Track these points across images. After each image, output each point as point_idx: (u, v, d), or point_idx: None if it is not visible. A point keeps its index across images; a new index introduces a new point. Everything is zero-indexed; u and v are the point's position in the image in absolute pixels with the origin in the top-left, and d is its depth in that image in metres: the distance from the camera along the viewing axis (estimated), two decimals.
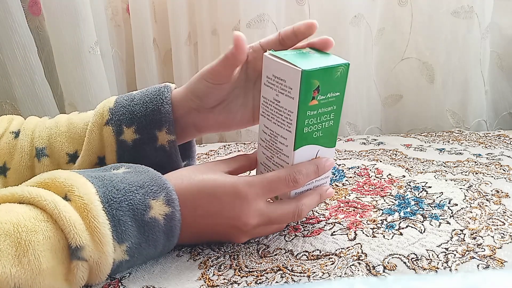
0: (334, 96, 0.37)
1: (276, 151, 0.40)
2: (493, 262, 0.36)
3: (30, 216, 0.31)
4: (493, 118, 0.95)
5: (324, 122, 0.38)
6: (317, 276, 0.35)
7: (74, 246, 0.31)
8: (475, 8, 0.82)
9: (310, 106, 0.36)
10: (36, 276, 0.29)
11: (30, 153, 0.44)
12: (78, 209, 0.32)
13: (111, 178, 0.35)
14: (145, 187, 0.35)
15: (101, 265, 0.32)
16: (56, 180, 0.33)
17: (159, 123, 0.42)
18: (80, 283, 0.32)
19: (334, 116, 0.39)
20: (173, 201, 0.35)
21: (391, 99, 0.92)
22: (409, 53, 0.88)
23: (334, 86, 0.37)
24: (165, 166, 0.42)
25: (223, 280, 0.35)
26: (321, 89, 0.36)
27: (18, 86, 0.71)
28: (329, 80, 0.36)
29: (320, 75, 0.35)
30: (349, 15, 0.81)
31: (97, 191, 0.33)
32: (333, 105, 0.38)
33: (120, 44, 0.87)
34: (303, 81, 0.35)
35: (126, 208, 0.33)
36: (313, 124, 0.38)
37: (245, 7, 0.77)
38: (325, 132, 0.39)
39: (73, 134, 0.45)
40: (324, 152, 0.40)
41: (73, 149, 0.44)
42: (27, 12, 0.73)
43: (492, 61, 0.91)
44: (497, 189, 0.50)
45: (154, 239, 0.35)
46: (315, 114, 0.37)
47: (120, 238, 0.33)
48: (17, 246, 0.29)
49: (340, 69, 0.36)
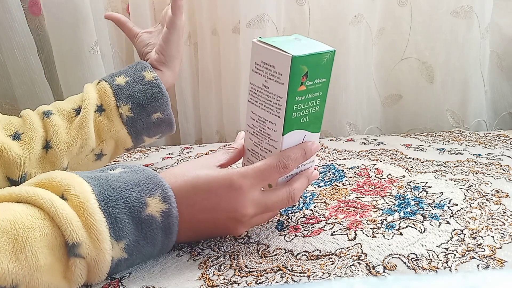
0: (320, 82, 0.38)
1: (265, 137, 0.40)
2: (493, 262, 0.36)
3: (27, 214, 0.31)
4: (493, 118, 0.95)
5: (311, 107, 0.39)
6: (317, 276, 0.35)
7: (71, 243, 0.31)
8: (474, 8, 0.82)
9: (298, 91, 0.37)
10: (33, 272, 0.29)
11: (39, 117, 0.51)
12: (75, 207, 0.32)
13: (107, 177, 0.35)
14: (141, 185, 0.35)
15: (99, 263, 0.32)
16: (52, 180, 0.34)
17: (144, 68, 0.57)
18: (79, 281, 0.32)
19: (320, 102, 0.40)
20: (169, 198, 0.36)
21: (390, 99, 0.92)
22: (409, 53, 0.88)
23: (321, 72, 0.38)
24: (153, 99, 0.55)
25: (223, 280, 0.35)
26: (309, 75, 0.37)
27: (18, 86, 0.71)
28: (317, 66, 0.37)
29: (309, 60, 0.36)
30: (349, 15, 0.81)
31: (93, 190, 0.33)
32: (319, 91, 0.39)
33: (120, 44, 0.87)
34: (293, 67, 0.35)
35: (122, 206, 0.34)
36: (301, 110, 0.38)
37: (245, 7, 0.77)
38: (312, 117, 0.40)
39: (73, 99, 0.54)
40: (310, 137, 0.41)
41: (76, 106, 0.53)
42: (27, 12, 0.73)
43: (492, 61, 0.91)
44: (497, 189, 0.50)
45: (152, 237, 0.35)
46: (303, 99, 0.38)
47: (118, 235, 0.33)
48: (14, 243, 0.29)
49: (327, 55, 0.37)
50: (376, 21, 0.85)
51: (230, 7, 0.79)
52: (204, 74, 0.86)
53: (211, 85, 0.87)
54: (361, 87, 0.87)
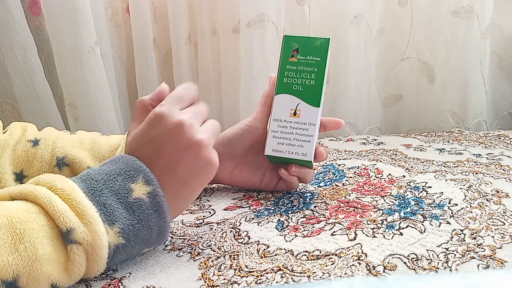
0: (314, 60, 0.48)
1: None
2: (493, 262, 0.36)
3: (22, 210, 0.31)
4: (493, 118, 0.95)
5: (304, 79, 0.48)
6: (317, 276, 0.35)
7: (65, 230, 0.31)
8: (475, 8, 0.82)
9: (289, 61, 0.48)
10: (32, 263, 0.30)
11: (50, 162, 0.48)
12: (64, 200, 0.32)
13: (88, 173, 0.36)
14: (123, 174, 0.36)
15: (96, 247, 0.32)
16: (39, 180, 0.34)
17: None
18: (79, 271, 0.32)
19: (315, 77, 0.48)
20: (152, 180, 0.36)
21: (391, 99, 0.92)
22: (409, 53, 0.88)
23: (314, 52, 0.48)
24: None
25: (223, 280, 0.35)
26: (300, 50, 0.48)
27: (18, 86, 0.71)
28: (308, 46, 0.48)
29: (299, 40, 0.48)
30: (349, 15, 0.81)
31: (78, 185, 0.34)
32: (313, 67, 0.48)
33: (120, 44, 0.87)
34: (285, 42, 0.49)
35: (108, 194, 0.34)
36: (292, 77, 0.48)
37: (245, 7, 0.77)
38: (306, 88, 0.48)
39: (97, 153, 0.49)
40: (305, 108, 0.48)
41: (94, 165, 0.48)
42: (27, 12, 0.73)
43: (492, 61, 0.91)
44: (497, 189, 0.50)
45: (146, 218, 0.35)
46: (294, 69, 0.48)
47: (110, 219, 0.33)
48: (13, 235, 0.30)
49: (319, 40, 0.48)
50: (376, 21, 0.85)
51: (230, 7, 0.79)
52: (204, 74, 0.86)
53: (211, 85, 0.87)
54: (361, 87, 0.87)
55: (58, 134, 0.50)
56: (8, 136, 0.48)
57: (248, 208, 0.49)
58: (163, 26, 0.88)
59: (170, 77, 0.90)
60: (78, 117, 0.75)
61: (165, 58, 0.92)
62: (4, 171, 0.46)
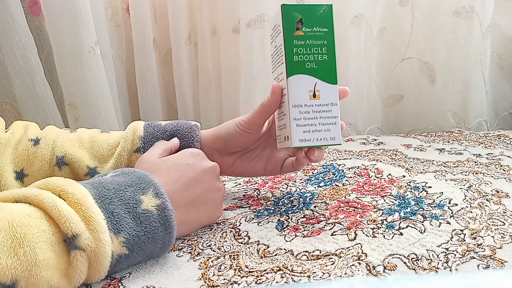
0: (322, 31, 0.42)
1: (282, 92, 0.44)
2: (493, 262, 0.35)
3: (24, 213, 0.31)
4: (493, 118, 0.94)
5: (316, 54, 0.42)
6: (317, 276, 0.35)
7: (71, 235, 0.31)
8: (475, 8, 0.82)
9: (296, 35, 0.41)
10: (32, 267, 0.29)
11: (50, 161, 0.48)
12: (72, 204, 0.32)
13: (100, 181, 0.36)
14: (134, 185, 0.36)
15: (99, 256, 0.32)
16: (48, 183, 0.34)
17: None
18: (80, 277, 0.32)
19: (327, 51, 0.42)
20: (162, 194, 0.37)
21: (391, 99, 0.92)
22: (410, 53, 0.88)
23: (319, 22, 0.42)
24: None
25: (223, 280, 0.35)
26: (305, 21, 0.41)
27: (18, 86, 0.71)
28: (312, 15, 0.42)
29: (300, 8, 0.41)
30: (349, 15, 0.81)
31: (89, 191, 0.34)
32: (323, 39, 0.42)
33: (120, 44, 0.87)
34: (284, 13, 0.41)
35: (118, 202, 0.35)
36: (303, 54, 0.42)
37: (245, 7, 0.77)
38: (320, 65, 0.42)
39: (96, 152, 0.49)
40: (323, 87, 0.42)
41: (93, 164, 0.48)
42: (27, 12, 0.73)
43: (493, 61, 0.91)
44: (497, 189, 0.50)
45: (153, 231, 0.35)
46: (303, 44, 0.42)
47: (116, 228, 0.33)
48: (13, 239, 0.29)
49: (322, 7, 0.42)
50: (376, 21, 0.85)
51: (230, 7, 0.79)
52: (204, 74, 0.86)
53: (211, 85, 0.87)
54: (362, 87, 0.87)
55: (58, 132, 0.50)
56: (10, 135, 0.48)
57: (248, 208, 0.49)
58: (163, 26, 0.88)
59: (170, 77, 0.90)
60: (78, 117, 0.75)
61: (165, 58, 0.92)
62: (4, 169, 0.46)
